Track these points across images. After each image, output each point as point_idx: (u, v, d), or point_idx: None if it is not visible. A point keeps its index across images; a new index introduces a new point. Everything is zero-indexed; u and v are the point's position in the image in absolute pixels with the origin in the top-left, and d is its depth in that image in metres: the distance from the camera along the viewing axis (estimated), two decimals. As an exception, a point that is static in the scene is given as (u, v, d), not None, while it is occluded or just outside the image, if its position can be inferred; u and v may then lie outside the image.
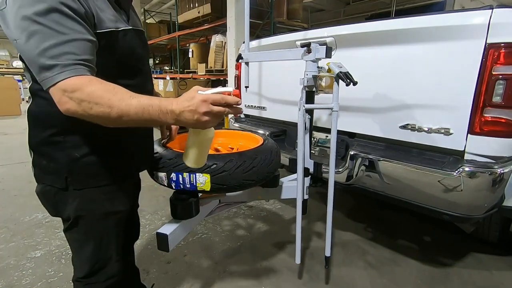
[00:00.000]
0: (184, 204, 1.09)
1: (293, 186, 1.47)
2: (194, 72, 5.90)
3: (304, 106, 1.29)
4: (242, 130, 1.93)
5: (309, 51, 1.27)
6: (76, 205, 0.82)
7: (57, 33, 0.63)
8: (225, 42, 5.01)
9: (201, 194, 1.24)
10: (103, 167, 0.83)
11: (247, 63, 1.75)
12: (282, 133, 2.18)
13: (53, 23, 0.62)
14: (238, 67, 2.49)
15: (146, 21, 7.95)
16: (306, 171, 1.47)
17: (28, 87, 0.78)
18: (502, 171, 1.23)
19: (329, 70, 1.28)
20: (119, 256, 0.95)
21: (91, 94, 0.63)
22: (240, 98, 0.72)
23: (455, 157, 1.33)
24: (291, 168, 1.61)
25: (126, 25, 0.81)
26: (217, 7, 4.99)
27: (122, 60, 0.80)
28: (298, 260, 1.46)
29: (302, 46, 1.28)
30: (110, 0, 0.78)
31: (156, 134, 1.09)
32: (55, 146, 0.79)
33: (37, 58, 0.62)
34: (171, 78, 6.00)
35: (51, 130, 0.78)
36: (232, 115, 2.55)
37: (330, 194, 1.37)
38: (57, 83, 0.63)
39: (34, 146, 0.82)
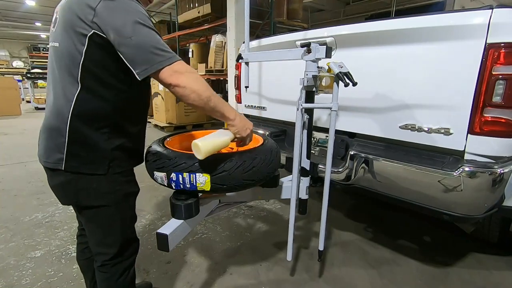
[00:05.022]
0: (184, 204, 1.09)
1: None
2: (194, 72, 5.89)
3: (302, 105, 1.29)
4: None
5: (309, 51, 1.26)
6: (106, 189, 0.95)
7: (156, 34, 0.85)
8: (225, 42, 5.01)
9: (201, 194, 1.24)
10: (130, 153, 1.00)
11: (247, 63, 1.75)
12: (282, 133, 2.18)
13: (152, 28, 0.84)
14: (238, 67, 2.49)
15: (146, 21, 7.94)
16: (304, 171, 1.47)
17: (79, 83, 0.86)
18: (502, 171, 1.23)
19: (329, 70, 1.28)
20: (135, 234, 1.12)
21: (198, 77, 0.88)
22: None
23: (455, 157, 1.33)
24: (288, 166, 1.62)
25: None
26: (217, 7, 4.99)
27: None
28: (289, 257, 1.46)
29: (302, 46, 1.28)
30: None
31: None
32: (102, 136, 0.91)
33: (152, 47, 0.82)
34: (171, 78, 5.99)
35: (99, 122, 0.90)
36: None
37: (325, 190, 1.38)
38: (173, 63, 0.84)
39: (76, 138, 0.89)
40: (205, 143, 0.95)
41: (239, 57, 1.74)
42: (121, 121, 0.94)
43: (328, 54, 1.25)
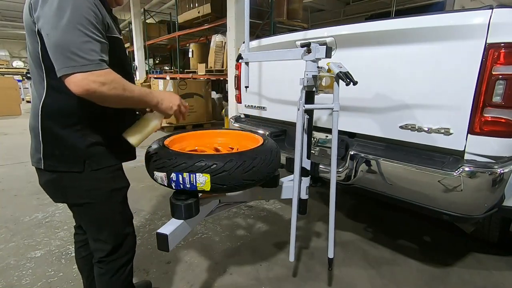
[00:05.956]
0: (184, 204, 1.09)
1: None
2: (194, 72, 5.90)
3: (304, 106, 1.29)
4: (242, 130, 1.93)
5: (309, 51, 1.26)
6: (88, 186, 0.95)
7: (84, 36, 0.76)
8: (225, 42, 5.01)
9: (201, 194, 1.24)
10: (111, 150, 0.98)
11: (247, 63, 1.75)
12: (282, 133, 2.18)
13: (81, 26, 0.76)
14: (238, 67, 2.49)
15: (146, 21, 7.95)
16: (305, 171, 1.47)
17: (45, 81, 0.86)
18: (502, 171, 1.23)
19: (329, 70, 1.28)
20: (131, 229, 1.11)
21: (115, 79, 0.81)
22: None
23: (455, 157, 1.33)
24: (288, 167, 1.61)
25: (120, 35, 0.98)
26: (217, 7, 4.99)
27: (119, 63, 0.94)
28: (292, 258, 1.46)
29: (302, 46, 1.27)
30: (111, 15, 0.94)
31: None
32: (74, 134, 0.90)
33: (66, 49, 0.74)
34: (171, 78, 6.00)
35: (70, 120, 0.89)
36: (231, 115, 2.91)
37: (332, 194, 1.37)
38: (86, 71, 0.76)
39: (49, 137, 0.89)
40: (135, 136, 0.97)
41: (239, 57, 1.73)
42: (95, 117, 0.91)
43: (328, 54, 1.25)
